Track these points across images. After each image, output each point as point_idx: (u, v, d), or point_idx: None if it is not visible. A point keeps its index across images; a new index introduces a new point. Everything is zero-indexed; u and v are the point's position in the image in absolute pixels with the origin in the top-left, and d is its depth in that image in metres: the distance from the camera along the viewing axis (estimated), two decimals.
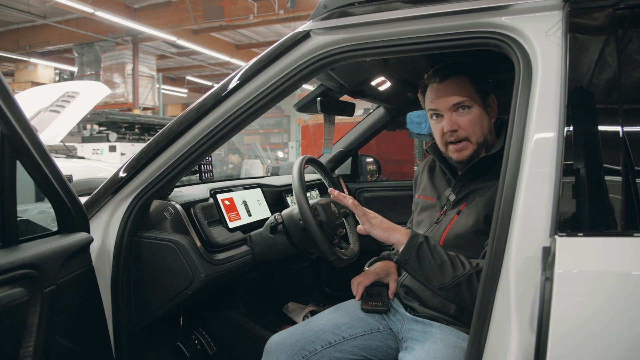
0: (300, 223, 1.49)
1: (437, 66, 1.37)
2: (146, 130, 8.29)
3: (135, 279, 1.39)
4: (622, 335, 0.76)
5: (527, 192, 0.89)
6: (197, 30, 11.01)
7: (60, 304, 1.09)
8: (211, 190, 1.67)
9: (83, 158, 5.87)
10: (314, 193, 2.27)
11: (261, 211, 1.87)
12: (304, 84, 1.47)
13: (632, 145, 0.85)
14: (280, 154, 13.28)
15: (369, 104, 2.40)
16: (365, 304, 1.44)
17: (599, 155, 0.86)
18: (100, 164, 5.24)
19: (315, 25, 1.20)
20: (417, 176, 1.59)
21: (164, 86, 13.44)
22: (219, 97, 1.29)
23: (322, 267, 2.44)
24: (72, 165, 4.65)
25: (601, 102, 0.91)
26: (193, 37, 11.12)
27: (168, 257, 1.38)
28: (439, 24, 1.09)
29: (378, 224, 1.24)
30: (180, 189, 1.66)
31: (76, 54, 11.11)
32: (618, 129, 0.87)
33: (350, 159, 2.55)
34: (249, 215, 1.78)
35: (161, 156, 1.35)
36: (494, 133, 1.36)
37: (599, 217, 0.84)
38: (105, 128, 8.09)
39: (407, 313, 1.38)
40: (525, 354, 0.81)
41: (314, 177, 2.30)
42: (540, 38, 0.96)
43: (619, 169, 0.84)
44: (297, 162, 1.50)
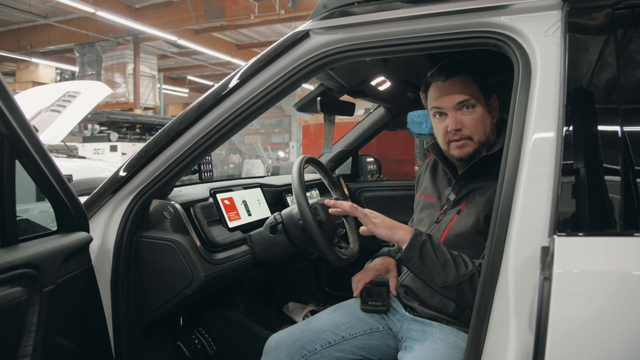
0: (299, 223, 1.49)
1: (441, 64, 1.36)
2: (147, 130, 8.30)
3: (134, 279, 1.39)
4: (621, 335, 0.76)
5: (526, 192, 0.89)
6: (198, 30, 11.02)
7: (59, 303, 1.09)
8: (211, 190, 1.67)
9: (84, 158, 5.88)
10: (314, 193, 2.27)
11: (261, 211, 1.87)
12: (305, 84, 1.47)
13: (631, 145, 0.85)
14: (281, 154, 13.30)
15: (370, 103, 2.39)
16: (364, 304, 1.44)
17: (598, 155, 0.86)
18: (101, 163, 5.24)
19: (315, 24, 1.20)
20: (420, 176, 1.59)
21: (165, 86, 13.45)
22: (219, 96, 1.30)
23: (322, 267, 2.44)
24: (73, 165, 4.66)
25: (600, 102, 0.91)
26: (194, 37, 11.13)
27: (168, 257, 1.38)
28: (438, 23, 1.09)
29: (381, 223, 1.24)
30: (180, 188, 1.66)
31: (77, 54, 11.12)
32: (617, 128, 0.86)
33: (350, 158, 2.55)
34: (249, 215, 1.78)
35: (161, 155, 1.35)
36: (495, 133, 1.36)
37: (598, 217, 0.84)
38: (107, 128, 8.11)
39: (407, 313, 1.38)
40: (524, 354, 0.81)
41: (314, 176, 2.30)
42: (540, 38, 0.96)
43: (618, 168, 0.84)
44: (296, 162, 1.50)
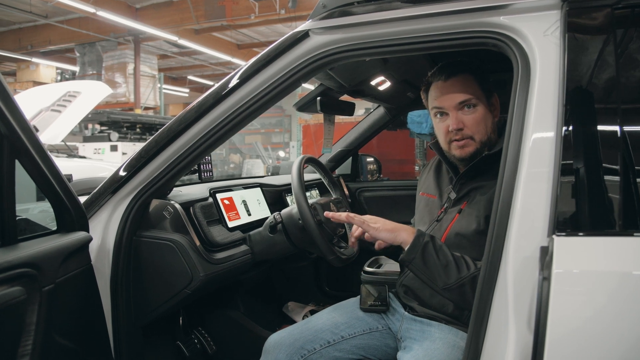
0: (299, 222, 1.49)
1: (442, 64, 1.36)
2: (147, 129, 8.30)
3: (134, 278, 1.39)
4: (620, 335, 0.75)
5: (525, 192, 0.89)
6: (198, 30, 11.02)
7: (58, 303, 1.09)
8: (210, 190, 1.67)
9: (84, 157, 5.88)
10: (314, 192, 2.28)
11: (261, 211, 1.87)
12: (305, 84, 1.47)
13: (631, 144, 0.85)
14: (281, 154, 13.29)
15: (370, 103, 2.39)
16: (364, 304, 1.44)
17: (597, 155, 0.86)
18: (101, 163, 5.24)
19: (314, 24, 1.20)
20: (422, 175, 1.58)
21: (165, 86, 13.45)
22: (219, 96, 1.30)
23: (322, 267, 2.45)
24: (74, 164, 4.66)
25: (599, 102, 0.91)
26: (194, 36, 11.14)
27: (167, 257, 1.38)
28: (438, 23, 1.09)
29: (381, 227, 1.23)
30: (179, 188, 1.66)
31: (78, 54, 11.13)
32: (616, 128, 0.86)
33: (350, 158, 2.55)
34: (249, 214, 1.79)
35: (161, 155, 1.35)
36: (497, 132, 1.35)
37: (597, 217, 0.84)
38: (107, 127, 8.11)
39: (406, 312, 1.38)
40: (523, 354, 0.81)
41: (313, 176, 2.30)
42: (539, 38, 0.96)
43: (617, 168, 0.84)
44: (296, 162, 1.50)
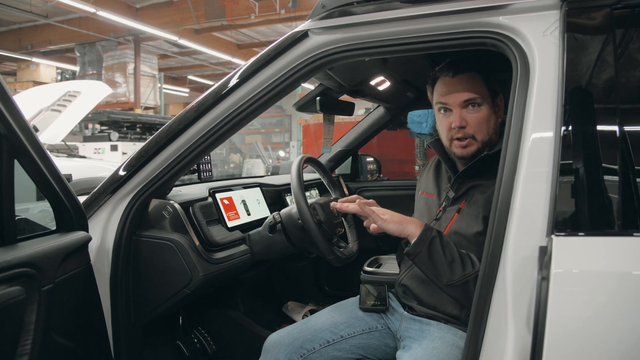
0: (298, 222, 1.49)
1: (450, 59, 1.34)
2: (148, 129, 8.31)
3: (134, 278, 1.39)
4: (619, 335, 0.75)
5: (524, 192, 0.89)
6: (198, 29, 11.02)
7: (58, 302, 1.09)
8: (210, 190, 1.67)
9: (84, 157, 5.89)
10: (314, 192, 2.28)
11: (260, 210, 1.87)
12: (304, 83, 1.47)
13: (630, 144, 0.85)
14: (281, 154, 13.29)
15: (370, 103, 2.40)
16: (363, 303, 1.44)
17: (596, 155, 0.86)
18: (101, 163, 5.25)
19: (314, 24, 1.20)
20: (421, 175, 1.58)
21: (165, 85, 13.45)
22: (218, 95, 1.30)
23: (321, 267, 2.45)
24: (74, 164, 4.66)
25: (598, 102, 0.91)
26: (195, 36, 11.14)
27: (167, 256, 1.38)
28: (437, 23, 1.09)
29: (390, 219, 1.23)
30: (179, 188, 1.66)
31: (78, 54, 11.14)
32: (615, 128, 0.86)
33: (350, 158, 2.55)
34: (248, 214, 1.79)
35: (160, 155, 1.35)
36: (498, 133, 1.34)
37: (596, 217, 0.84)
38: (107, 127, 8.12)
39: (405, 312, 1.38)
40: (522, 354, 0.81)
41: (313, 176, 2.30)
42: (538, 38, 0.96)
43: (616, 168, 0.84)
44: (295, 162, 1.50)
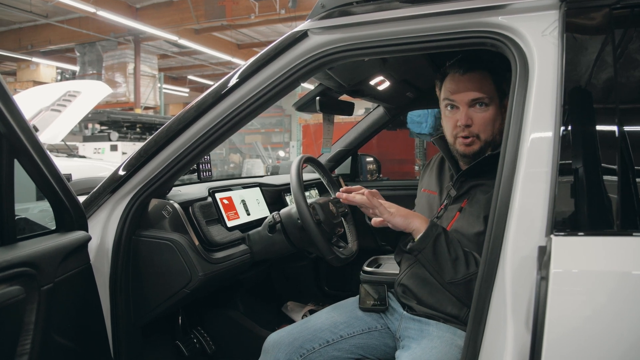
0: (298, 222, 1.49)
1: (462, 56, 1.33)
2: (147, 129, 8.31)
3: (133, 278, 1.39)
4: (618, 335, 0.76)
5: (523, 192, 0.89)
6: (198, 29, 11.02)
7: (57, 302, 1.09)
8: (210, 189, 1.67)
9: (84, 157, 5.89)
10: (313, 192, 2.28)
11: (260, 210, 1.87)
12: (304, 83, 1.47)
13: (629, 144, 0.85)
14: (281, 154, 13.29)
15: (370, 103, 2.40)
16: (363, 303, 1.44)
17: (595, 155, 0.86)
18: (101, 163, 5.25)
19: (313, 24, 1.21)
20: (424, 172, 1.57)
21: (165, 85, 13.45)
22: (218, 95, 1.30)
23: (321, 266, 2.45)
24: (73, 164, 4.66)
25: (597, 102, 0.91)
26: (195, 36, 11.13)
27: (166, 256, 1.38)
28: (437, 23, 1.09)
29: (396, 212, 1.22)
30: (178, 188, 1.66)
31: (78, 54, 11.13)
32: (614, 128, 0.87)
33: (350, 158, 2.55)
34: (248, 214, 1.79)
35: (160, 154, 1.35)
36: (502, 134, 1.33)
37: (595, 217, 0.84)
38: (107, 127, 8.12)
39: (405, 312, 1.38)
40: (521, 353, 0.81)
41: (313, 176, 2.30)
42: (537, 38, 0.96)
43: (615, 168, 0.84)
44: (295, 162, 1.50)
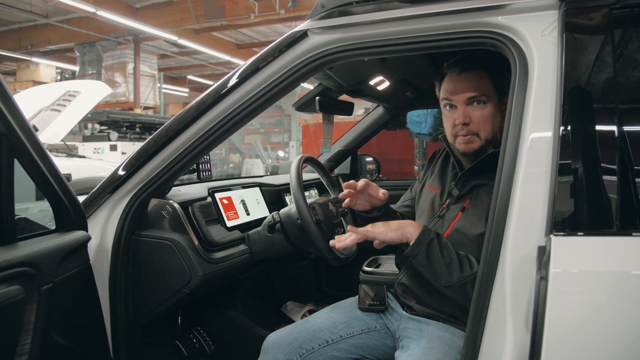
0: (297, 222, 1.49)
1: (459, 56, 1.34)
2: (147, 129, 8.30)
3: (133, 278, 1.39)
4: (618, 335, 0.76)
5: (522, 192, 0.89)
6: (198, 29, 11.02)
7: (57, 302, 1.09)
8: (209, 189, 1.67)
9: (84, 157, 5.89)
10: (313, 192, 2.28)
11: (259, 210, 1.87)
12: (304, 83, 1.47)
13: (628, 144, 0.85)
14: (281, 153, 13.27)
15: (370, 103, 2.40)
16: (362, 303, 1.44)
17: (594, 155, 0.86)
18: (100, 163, 5.25)
19: (313, 24, 1.21)
20: (428, 166, 1.56)
21: (165, 85, 13.44)
22: (218, 95, 1.30)
23: (321, 267, 2.45)
24: (73, 164, 4.66)
25: (597, 102, 0.91)
26: (194, 36, 11.13)
27: (166, 256, 1.38)
28: (436, 23, 1.09)
29: (386, 230, 1.21)
30: (178, 187, 1.66)
31: (78, 54, 11.12)
32: (614, 128, 0.87)
33: (349, 158, 2.55)
34: (247, 214, 1.79)
35: (160, 154, 1.35)
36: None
37: (595, 217, 0.84)
38: (107, 127, 8.11)
39: (404, 312, 1.38)
40: (521, 353, 0.81)
41: (312, 176, 2.30)
42: (537, 37, 0.96)
43: (615, 168, 0.84)
44: (295, 162, 1.50)
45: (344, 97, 2.03)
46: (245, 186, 1.87)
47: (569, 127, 0.88)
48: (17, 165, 1.01)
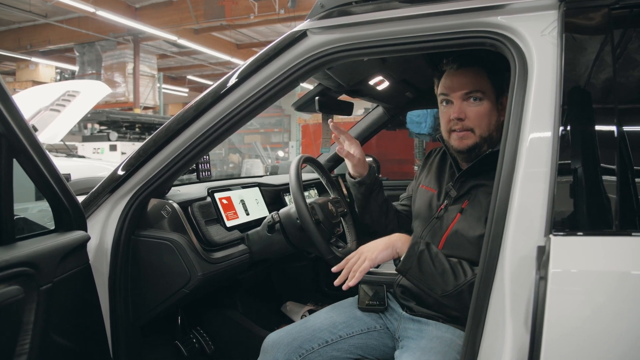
0: (297, 222, 1.49)
1: (458, 53, 1.33)
2: (147, 129, 8.30)
3: (132, 278, 1.39)
4: (617, 335, 0.76)
5: (522, 192, 0.89)
6: (198, 29, 11.01)
7: (56, 302, 1.09)
8: (209, 189, 1.67)
9: (83, 157, 5.88)
10: (312, 192, 2.28)
11: (259, 210, 1.87)
12: (303, 83, 1.47)
13: (628, 144, 0.85)
14: (280, 153, 13.27)
15: (369, 103, 2.39)
16: (362, 303, 1.44)
17: (594, 155, 0.86)
18: (100, 163, 5.24)
19: (312, 24, 1.21)
20: (424, 166, 1.56)
21: (164, 85, 13.44)
22: (217, 95, 1.30)
23: (320, 267, 2.44)
24: (72, 164, 4.66)
25: (597, 102, 0.91)
26: (194, 36, 11.13)
27: (165, 256, 1.38)
28: (436, 23, 1.09)
29: (375, 253, 1.21)
30: (177, 187, 1.66)
31: (77, 53, 11.12)
32: (613, 128, 0.87)
33: None
34: (247, 214, 1.79)
35: (159, 154, 1.35)
36: (501, 131, 1.33)
37: (595, 217, 0.84)
38: (106, 127, 8.10)
39: (404, 312, 1.38)
40: (520, 353, 0.81)
41: (312, 176, 2.30)
42: (536, 37, 0.96)
43: (614, 168, 0.84)
44: (294, 162, 1.50)
45: (344, 97, 2.03)
46: (244, 186, 1.87)
47: (568, 127, 0.88)
48: (17, 165, 1.01)
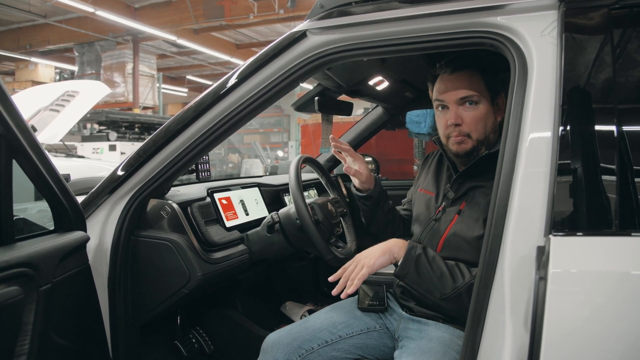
0: (297, 222, 1.49)
1: (450, 57, 1.33)
2: (146, 129, 8.29)
3: (132, 278, 1.39)
4: (617, 336, 0.75)
5: (522, 192, 0.89)
6: (197, 29, 11.01)
7: (56, 302, 1.09)
8: (208, 190, 1.67)
9: (83, 157, 5.88)
10: (312, 192, 2.28)
11: (259, 210, 1.87)
12: (303, 83, 1.47)
13: (628, 144, 0.85)
14: (280, 153, 13.27)
15: (369, 103, 2.39)
16: (362, 303, 1.44)
17: (594, 155, 0.86)
18: (99, 163, 5.24)
19: (312, 24, 1.20)
20: (421, 170, 1.56)
21: (164, 85, 13.44)
22: (217, 95, 1.30)
23: (320, 267, 2.44)
24: (72, 164, 4.66)
25: (596, 102, 0.91)
26: (193, 36, 11.12)
27: (165, 256, 1.38)
28: (435, 23, 1.09)
29: (372, 260, 1.21)
30: (177, 188, 1.66)
31: (77, 53, 11.11)
32: (613, 128, 0.87)
33: None
34: (247, 214, 1.79)
35: (159, 155, 1.35)
36: (497, 132, 1.32)
37: (594, 217, 0.84)
38: (105, 127, 8.10)
39: (404, 312, 1.38)
40: (520, 354, 0.81)
41: (311, 176, 2.30)
42: (536, 38, 0.96)
43: (614, 168, 0.84)
44: (294, 162, 1.50)
45: (343, 97, 2.03)
46: (244, 186, 1.87)
47: (568, 127, 0.88)
48: (16, 165, 1.01)
